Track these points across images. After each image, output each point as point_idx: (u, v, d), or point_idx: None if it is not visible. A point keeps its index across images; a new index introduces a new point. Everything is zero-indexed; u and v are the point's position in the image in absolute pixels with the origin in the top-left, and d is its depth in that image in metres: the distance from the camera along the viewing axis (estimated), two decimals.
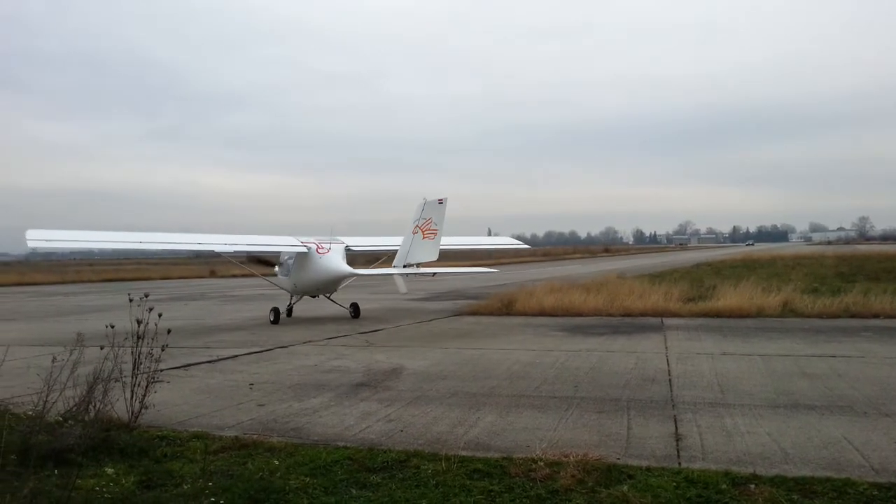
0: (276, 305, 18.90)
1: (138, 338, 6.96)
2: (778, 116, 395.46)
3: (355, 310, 19.79)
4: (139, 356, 6.97)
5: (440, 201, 17.22)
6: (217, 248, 19.06)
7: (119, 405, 6.97)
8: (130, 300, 6.87)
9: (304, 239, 19.28)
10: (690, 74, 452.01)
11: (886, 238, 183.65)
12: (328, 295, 20.03)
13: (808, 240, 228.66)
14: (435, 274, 19.42)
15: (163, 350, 7.18)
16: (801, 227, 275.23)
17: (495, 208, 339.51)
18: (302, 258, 18.73)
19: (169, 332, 7.20)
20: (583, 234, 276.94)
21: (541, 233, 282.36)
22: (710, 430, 6.75)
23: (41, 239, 18.83)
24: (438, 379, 9.68)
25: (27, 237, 18.92)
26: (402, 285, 18.12)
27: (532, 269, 56.58)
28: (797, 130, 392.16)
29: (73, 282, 49.76)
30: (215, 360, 11.72)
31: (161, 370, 10.65)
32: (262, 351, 12.75)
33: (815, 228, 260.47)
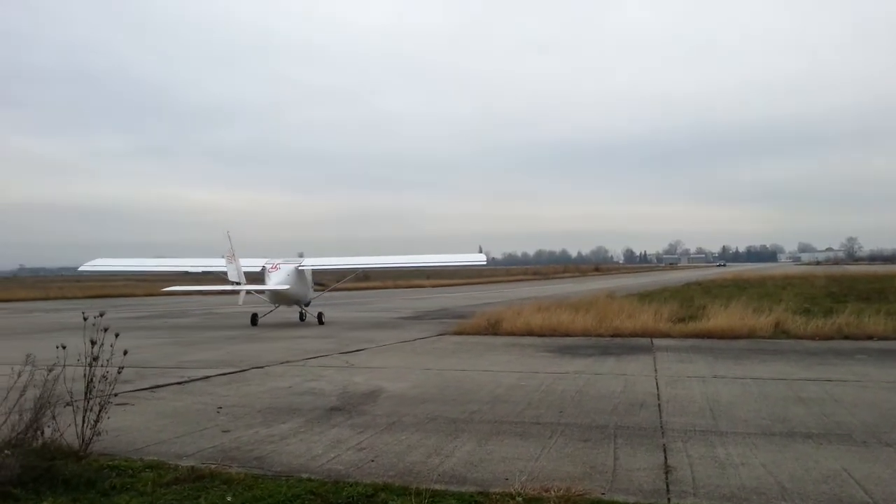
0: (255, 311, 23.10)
1: (93, 359, 6.49)
2: (768, 136, 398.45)
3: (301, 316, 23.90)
4: (92, 379, 6.48)
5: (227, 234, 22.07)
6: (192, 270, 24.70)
7: (71, 431, 6.49)
8: (85, 319, 6.40)
9: (276, 261, 23.33)
10: (683, 93, 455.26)
11: (874, 258, 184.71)
12: (287, 306, 23.87)
13: (796, 260, 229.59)
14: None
15: (119, 372, 6.69)
16: (790, 247, 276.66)
17: (487, 226, 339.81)
18: (263, 276, 22.84)
19: (125, 353, 6.73)
20: (573, 253, 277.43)
21: (531, 251, 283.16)
22: (702, 461, 6.32)
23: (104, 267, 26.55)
24: (417, 402, 9.22)
25: (91, 265, 27.18)
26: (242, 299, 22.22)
27: (522, 287, 56.20)
28: (787, 150, 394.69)
29: (57, 298, 48.90)
30: (186, 382, 11.20)
31: (127, 392, 10.29)
32: (235, 372, 12.24)
33: (804, 248, 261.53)
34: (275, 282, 22.46)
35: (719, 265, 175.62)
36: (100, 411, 6.48)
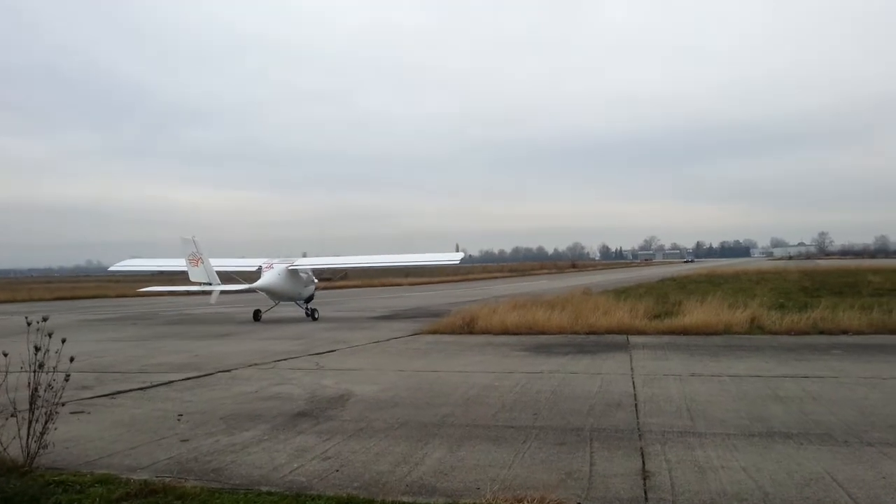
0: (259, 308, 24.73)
1: (38, 366, 6.09)
2: (742, 134, 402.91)
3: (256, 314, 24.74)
4: (37, 388, 6.08)
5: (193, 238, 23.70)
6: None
7: (16, 445, 6.10)
8: (28, 324, 6.00)
9: (272, 260, 24.72)
10: (657, 93, 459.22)
11: (845, 253, 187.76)
12: (278, 303, 25.06)
13: (769, 255, 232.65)
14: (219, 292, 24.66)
15: (66, 380, 6.29)
16: (763, 242, 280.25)
17: (464, 224, 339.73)
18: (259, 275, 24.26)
19: (72, 359, 6.34)
20: (550, 250, 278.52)
21: (508, 248, 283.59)
22: (681, 464, 6.09)
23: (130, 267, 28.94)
24: (388, 406, 8.90)
25: (121, 266, 29.65)
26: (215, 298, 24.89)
27: (498, 284, 56.03)
28: (760, 148, 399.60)
29: (23, 300, 47.71)
30: (147, 387, 10.76)
31: (85, 399, 9.85)
32: (200, 376, 11.81)
33: (776, 244, 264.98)
34: (261, 280, 23.95)
35: (686, 261, 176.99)
36: (46, 422, 6.09)
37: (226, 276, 25.57)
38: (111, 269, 31.96)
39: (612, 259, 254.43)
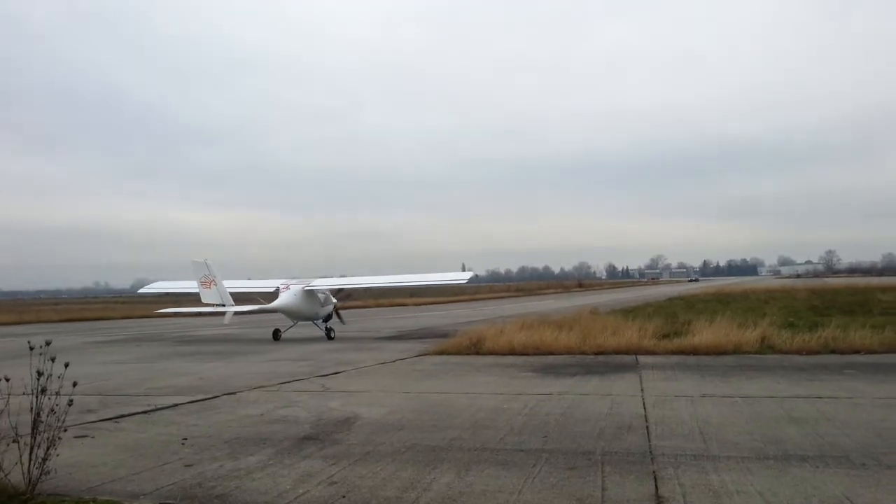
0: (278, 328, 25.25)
1: (41, 391, 6.02)
2: (748, 151, 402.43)
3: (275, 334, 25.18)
4: (39, 413, 6.00)
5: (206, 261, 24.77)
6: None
7: (18, 471, 6.01)
8: (31, 349, 5.94)
9: (289, 282, 25.78)
10: (662, 108, 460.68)
11: (853, 271, 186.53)
12: (297, 323, 25.56)
13: (776, 273, 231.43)
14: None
15: (69, 405, 6.21)
16: (770, 260, 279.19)
17: (469, 243, 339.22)
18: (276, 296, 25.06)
19: (75, 384, 6.26)
20: (556, 269, 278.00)
21: (514, 268, 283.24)
22: (695, 490, 5.94)
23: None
24: (395, 430, 8.77)
25: (150, 288, 32.12)
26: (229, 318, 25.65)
27: (505, 304, 55.85)
28: (766, 165, 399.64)
29: (31, 322, 47.80)
30: (152, 410, 10.66)
31: (89, 423, 9.76)
32: (206, 399, 11.70)
33: (784, 262, 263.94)
34: (278, 301, 24.69)
35: (691, 280, 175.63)
36: (48, 448, 5.99)
37: (247, 298, 26.83)
38: (140, 291, 34.38)
39: (619, 278, 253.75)
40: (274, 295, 25.37)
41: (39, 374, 5.88)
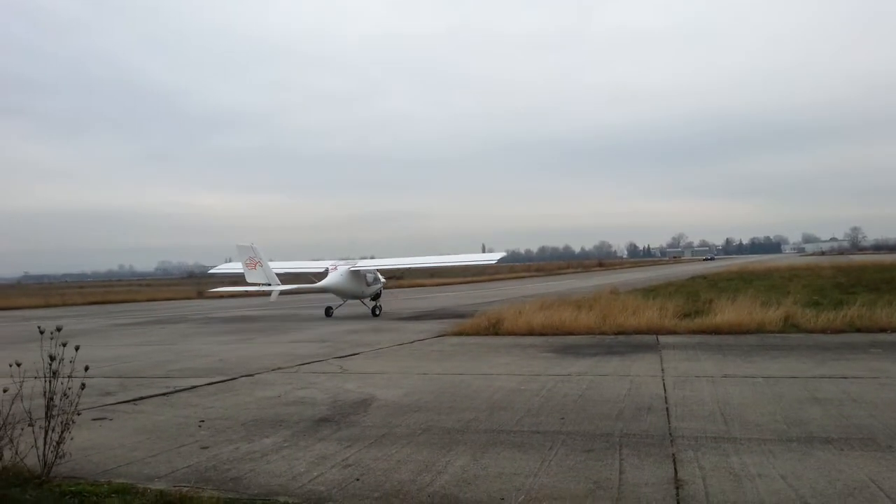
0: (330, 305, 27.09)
1: (52, 374, 6.01)
2: (770, 128, 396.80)
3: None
4: (52, 397, 6.00)
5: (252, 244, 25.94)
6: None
7: (34, 454, 6.03)
8: (41, 332, 5.92)
9: (337, 262, 27.20)
10: (685, 85, 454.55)
11: (879, 248, 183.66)
12: (346, 301, 27.19)
13: (800, 251, 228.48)
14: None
15: (82, 388, 6.20)
16: (794, 237, 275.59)
17: (489, 224, 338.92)
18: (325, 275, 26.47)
19: (87, 368, 6.25)
20: (577, 249, 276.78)
21: (535, 248, 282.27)
22: (715, 472, 5.81)
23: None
24: (411, 411, 8.72)
25: (219, 269, 34.89)
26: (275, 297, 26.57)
27: (525, 284, 55.63)
28: (789, 142, 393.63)
29: (57, 305, 48.51)
30: (170, 392, 10.71)
31: (108, 405, 9.82)
32: (224, 381, 11.74)
33: (808, 239, 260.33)
34: (326, 280, 26.15)
35: (706, 259, 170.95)
36: (62, 431, 6.00)
37: (301, 277, 28.83)
38: (211, 271, 37.66)
39: (640, 257, 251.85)
40: (324, 275, 26.78)
41: (52, 358, 5.87)
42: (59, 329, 5.98)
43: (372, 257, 30.82)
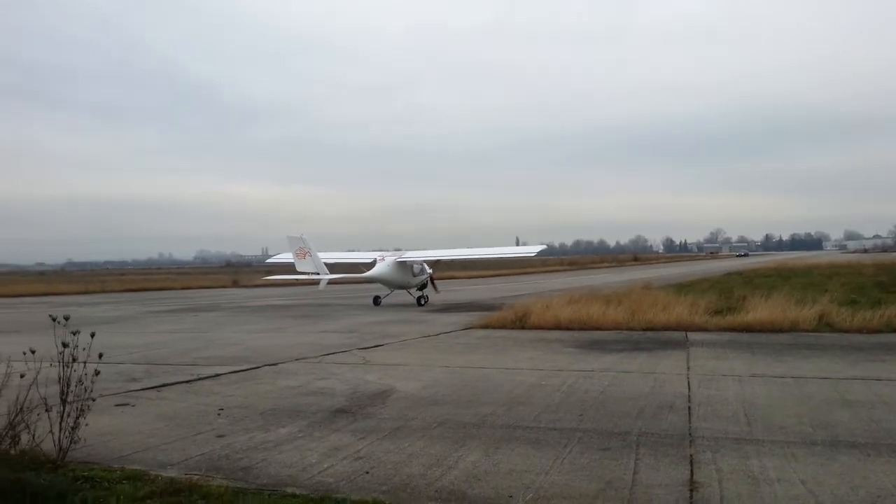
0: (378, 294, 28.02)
1: (72, 360, 6.08)
2: (811, 122, 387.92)
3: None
4: (67, 383, 6.07)
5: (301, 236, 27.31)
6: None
7: (50, 441, 6.11)
8: (54, 320, 5.99)
9: (385, 253, 28.59)
10: (725, 80, 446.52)
11: None
12: (393, 291, 28.02)
13: (842, 248, 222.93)
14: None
15: (96, 374, 6.26)
16: (836, 234, 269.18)
17: (524, 217, 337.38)
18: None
19: (101, 356, 6.30)
20: (612, 243, 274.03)
21: (569, 241, 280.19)
22: (733, 476, 5.64)
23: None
24: (429, 405, 8.66)
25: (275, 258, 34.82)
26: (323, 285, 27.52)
27: (557, 278, 55.27)
28: (830, 137, 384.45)
29: (96, 292, 49.57)
30: (194, 380, 10.82)
31: (132, 391, 9.96)
32: (248, 369, 11.83)
33: (851, 236, 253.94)
34: (373, 271, 27.07)
35: (739, 255, 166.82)
36: (77, 417, 6.07)
37: (352, 267, 29.87)
38: (268, 260, 39.71)
39: (676, 252, 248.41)
40: (372, 265, 27.59)
41: (65, 345, 5.94)
42: (66, 318, 6.02)
43: (422, 248, 31.55)
